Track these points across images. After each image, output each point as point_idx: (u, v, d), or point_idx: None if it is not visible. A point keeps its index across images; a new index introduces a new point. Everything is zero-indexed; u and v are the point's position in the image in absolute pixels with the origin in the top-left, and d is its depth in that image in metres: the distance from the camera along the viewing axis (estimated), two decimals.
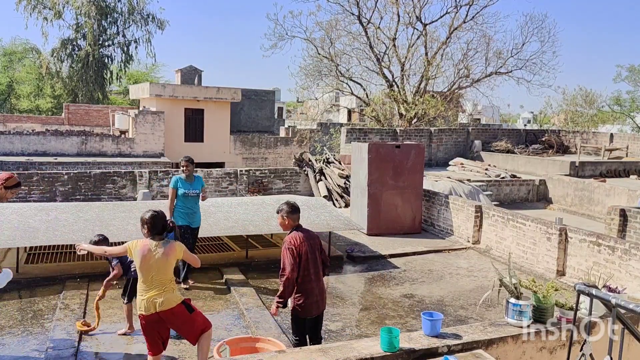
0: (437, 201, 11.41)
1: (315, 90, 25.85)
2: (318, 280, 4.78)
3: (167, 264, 4.34)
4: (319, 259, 4.80)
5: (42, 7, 36.76)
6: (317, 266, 4.77)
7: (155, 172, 13.59)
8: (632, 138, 22.82)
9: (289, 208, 4.78)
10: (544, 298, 3.66)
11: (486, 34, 24.57)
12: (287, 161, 24.43)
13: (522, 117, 62.18)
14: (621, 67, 41.37)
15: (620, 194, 13.69)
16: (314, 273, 4.72)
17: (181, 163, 7.52)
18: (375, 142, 14.07)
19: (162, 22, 39.11)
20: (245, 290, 7.22)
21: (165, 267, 4.33)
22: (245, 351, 4.64)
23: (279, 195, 12.35)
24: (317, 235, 4.92)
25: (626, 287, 4.29)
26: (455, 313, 6.80)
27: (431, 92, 24.39)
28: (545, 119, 51.13)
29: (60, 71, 38.36)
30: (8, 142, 19.41)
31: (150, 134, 21.85)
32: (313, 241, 4.77)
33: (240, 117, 31.79)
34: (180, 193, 7.36)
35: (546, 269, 8.49)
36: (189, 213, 7.39)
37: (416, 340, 3.35)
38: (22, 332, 5.78)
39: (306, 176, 15.19)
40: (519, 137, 23.37)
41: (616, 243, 7.54)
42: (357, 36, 24.14)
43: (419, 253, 9.70)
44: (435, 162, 20.49)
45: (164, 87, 25.41)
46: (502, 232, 9.56)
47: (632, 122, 41.87)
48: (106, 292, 5.75)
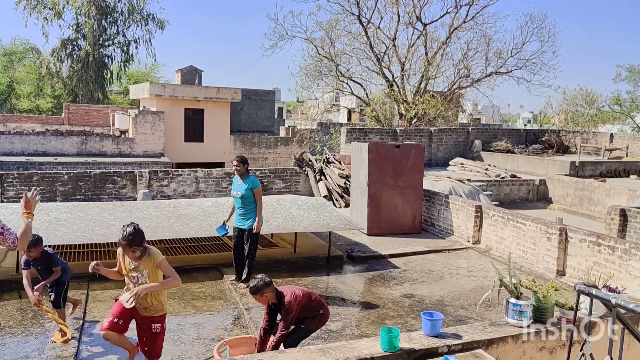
0: (437, 201, 11.41)
1: (315, 90, 25.87)
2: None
3: (151, 275, 4.39)
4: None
5: (42, 7, 36.75)
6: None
7: (155, 172, 13.59)
8: (632, 138, 22.81)
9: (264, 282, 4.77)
10: (544, 298, 3.66)
11: (486, 34, 24.59)
12: (287, 161, 24.43)
13: (522, 117, 62.21)
14: (621, 67, 41.41)
15: (620, 194, 13.69)
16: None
17: (233, 163, 7.43)
18: (375, 142, 14.08)
19: (162, 22, 39.15)
20: (245, 290, 7.22)
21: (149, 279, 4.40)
22: (245, 351, 4.64)
23: (279, 195, 12.34)
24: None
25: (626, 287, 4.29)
26: (455, 313, 6.80)
27: (431, 92, 24.39)
28: (545, 118, 51.15)
29: (60, 71, 38.38)
30: (8, 142, 19.41)
31: (150, 134, 21.85)
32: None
33: (240, 117, 31.80)
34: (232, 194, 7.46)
35: (546, 269, 8.49)
36: (238, 214, 7.38)
37: (416, 340, 3.35)
38: (22, 332, 5.78)
39: (306, 176, 15.19)
40: (519, 137, 23.37)
41: (616, 243, 7.53)
42: (357, 36, 24.15)
43: (419, 253, 9.70)
44: (435, 162, 20.49)
45: (164, 87, 25.42)
46: (502, 232, 9.56)
47: (632, 122, 41.86)
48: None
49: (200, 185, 13.71)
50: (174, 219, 8.24)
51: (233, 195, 7.40)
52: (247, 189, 7.18)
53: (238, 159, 7.30)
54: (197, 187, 13.68)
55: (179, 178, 13.61)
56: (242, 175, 7.26)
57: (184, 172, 13.77)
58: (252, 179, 7.28)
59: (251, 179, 7.28)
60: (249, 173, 7.38)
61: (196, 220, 8.33)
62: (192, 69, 30.14)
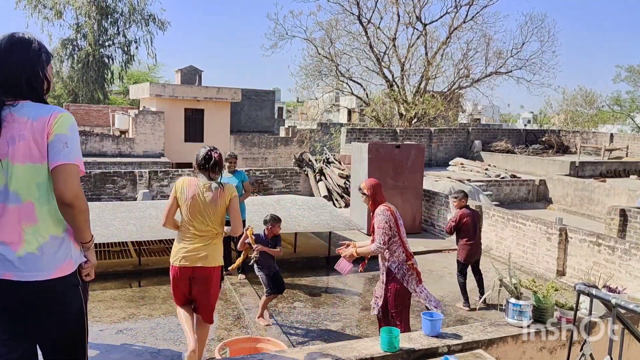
0: (437, 201, 11.41)
1: (315, 90, 25.88)
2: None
3: (217, 210, 4.01)
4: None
5: (42, 6, 36.75)
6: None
7: (155, 172, 13.59)
8: (632, 138, 22.82)
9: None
10: (544, 298, 3.66)
11: (486, 33, 24.63)
12: (287, 161, 24.42)
13: (522, 117, 62.18)
14: (621, 67, 41.34)
15: (620, 194, 13.69)
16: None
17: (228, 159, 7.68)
18: (375, 142, 14.07)
19: (163, 23, 39.10)
20: (245, 290, 7.23)
21: (215, 213, 4.00)
22: (245, 351, 4.63)
23: (279, 195, 12.34)
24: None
25: (626, 287, 4.29)
26: (455, 313, 6.80)
27: (431, 92, 24.40)
28: (545, 119, 51.17)
29: (60, 71, 38.35)
30: None
31: (150, 134, 21.85)
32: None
33: (240, 117, 31.79)
34: None
35: (546, 269, 8.49)
36: None
37: (416, 340, 3.35)
38: None
39: (306, 176, 15.18)
40: (519, 137, 23.37)
41: (616, 243, 7.54)
42: (357, 36, 24.16)
43: (419, 253, 9.68)
44: (435, 162, 20.49)
45: (164, 87, 25.41)
46: (502, 232, 9.56)
47: (632, 122, 41.86)
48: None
49: None
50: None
51: None
52: (240, 181, 7.59)
53: (234, 155, 7.74)
54: None
55: (179, 178, 13.60)
56: (232, 171, 7.65)
57: (184, 172, 13.76)
58: (242, 173, 7.76)
59: (241, 173, 7.74)
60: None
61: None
62: (192, 69, 30.15)
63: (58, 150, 2.22)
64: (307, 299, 7.19)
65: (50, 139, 2.23)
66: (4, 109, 2.23)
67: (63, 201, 2.22)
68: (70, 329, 2.38)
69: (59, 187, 2.21)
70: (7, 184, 2.22)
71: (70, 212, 2.26)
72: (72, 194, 2.22)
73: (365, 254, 4.68)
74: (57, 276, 2.26)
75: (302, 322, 6.29)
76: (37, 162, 2.23)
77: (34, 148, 2.22)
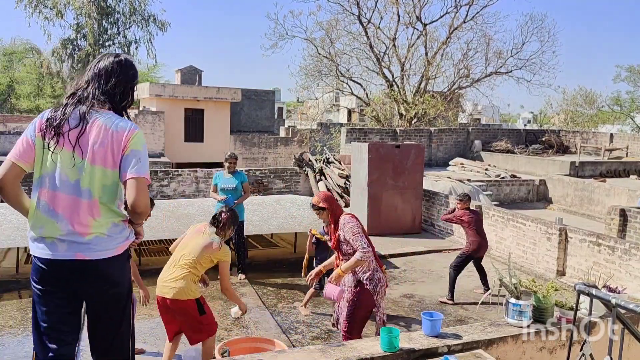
0: (437, 201, 11.41)
1: (316, 90, 25.91)
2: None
3: (201, 254, 4.33)
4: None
5: (42, 6, 36.75)
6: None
7: (155, 172, 13.59)
8: (632, 138, 22.83)
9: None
10: (544, 298, 3.66)
11: (486, 33, 24.66)
12: (287, 161, 24.42)
13: (522, 117, 62.18)
14: (621, 67, 41.37)
15: (620, 194, 13.69)
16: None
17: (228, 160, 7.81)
18: (375, 142, 14.08)
19: (164, 24, 39.05)
20: (245, 290, 7.23)
21: (198, 254, 4.32)
22: (245, 351, 4.63)
23: (279, 195, 12.34)
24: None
25: (626, 287, 4.29)
26: (456, 313, 6.80)
27: (431, 92, 24.41)
28: (545, 119, 51.20)
29: (60, 71, 38.37)
30: (8, 142, 19.40)
31: (150, 134, 21.85)
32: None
33: (240, 117, 31.78)
34: (220, 187, 7.72)
35: (546, 269, 8.49)
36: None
37: (416, 340, 3.35)
38: (22, 332, 5.78)
39: (306, 176, 15.18)
40: (519, 137, 23.37)
41: (616, 243, 7.54)
42: (357, 36, 24.18)
43: (419, 253, 9.70)
44: (435, 162, 20.49)
45: (164, 87, 25.41)
46: (502, 232, 9.56)
47: (632, 122, 41.87)
48: None
49: (200, 185, 13.70)
50: (174, 219, 8.24)
51: (225, 188, 7.62)
52: (240, 182, 7.67)
53: (234, 156, 7.82)
54: (197, 187, 13.67)
55: (179, 178, 13.60)
56: (232, 172, 7.72)
57: (184, 172, 13.76)
58: (242, 174, 7.81)
59: (241, 174, 7.80)
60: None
61: (196, 220, 8.31)
62: (192, 69, 30.15)
63: (133, 164, 2.55)
64: None
65: (126, 152, 2.56)
66: (92, 114, 2.57)
67: (135, 210, 2.57)
68: (121, 292, 2.74)
69: (133, 197, 2.54)
70: (80, 181, 2.54)
71: (139, 217, 2.67)
72: (144, 204, 2.58)
73: (351, 266, 4.37)
74: (118, 254, 2.66)
75: (302, 322, 6.29)
76: (109, 167, 2.56)
77: (110, 155, 2.55)
